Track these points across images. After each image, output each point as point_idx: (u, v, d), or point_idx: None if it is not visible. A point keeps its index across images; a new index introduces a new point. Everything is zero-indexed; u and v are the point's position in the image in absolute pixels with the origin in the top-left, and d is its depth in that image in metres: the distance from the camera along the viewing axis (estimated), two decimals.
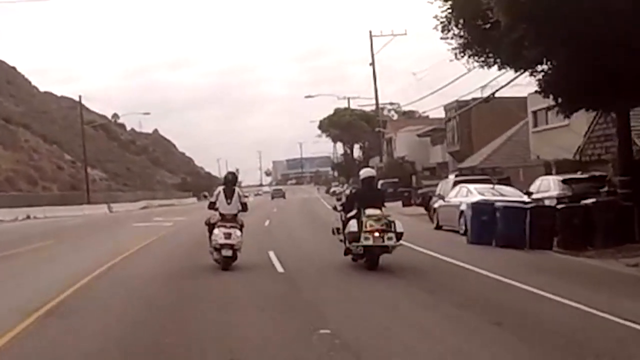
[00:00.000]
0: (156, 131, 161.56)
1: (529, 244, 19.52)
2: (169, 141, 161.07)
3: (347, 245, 15.20)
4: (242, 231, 15.46)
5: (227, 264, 15.04)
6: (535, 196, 24.81)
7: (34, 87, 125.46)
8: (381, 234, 14.39)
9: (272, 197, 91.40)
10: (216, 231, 15.14)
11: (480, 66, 18.67)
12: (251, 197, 68.06)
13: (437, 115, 74.44)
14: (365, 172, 16.08)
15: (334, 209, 17.00)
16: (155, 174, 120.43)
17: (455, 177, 33.98)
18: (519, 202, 22.08)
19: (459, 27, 18.53)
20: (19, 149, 78.77)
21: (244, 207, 15.71)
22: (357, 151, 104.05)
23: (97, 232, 31.33)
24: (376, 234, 14.38)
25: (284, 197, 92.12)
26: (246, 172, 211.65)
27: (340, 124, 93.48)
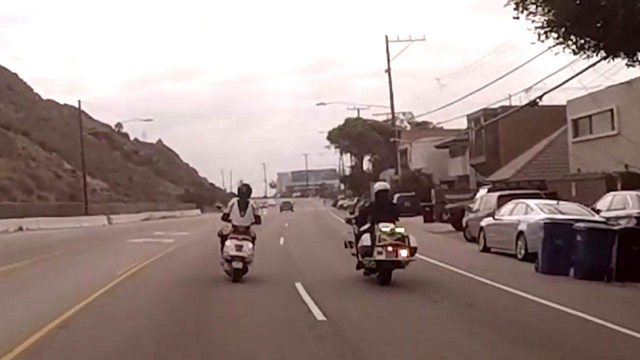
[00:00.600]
0: (160, 141, 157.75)
1: (616, 275, 15.44)
2: (172, 151, 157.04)
3: (360, 259, 15.07)
4: (254, 244, 15.28)
5: (237, 276, 14.92)
6: (605, 214, 20.61)
7: (36, 94, 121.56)
8: (394, 249, 14.16)
9: (281, 210, 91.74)
10: (228, 242, 15.06)
11: (574, 52, 14.27)
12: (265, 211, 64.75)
13: (452, 126, 70.82)
14: (379, 186, 16.01)
15: (347, 221, 16.96)
16: (158, 184, 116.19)
17: (497, 192, 29.71)
18: (601, 223, 17.88)
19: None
20: (16, 157, 74.70)
21: (257, 219, 15.61)
22: (366, 163, 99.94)
23: (84, 251, 26.62)
24: (389, 249, 14.13)
25: (292, 210, 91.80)
26: (250, 184, 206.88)
27: (350, 135, 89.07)
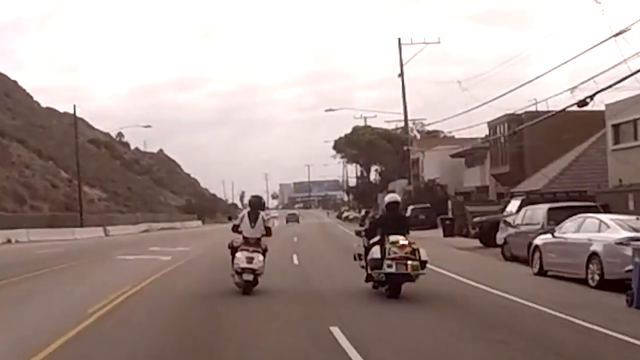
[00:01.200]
0: (161, 151, 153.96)
1: None
2: (174, 161, 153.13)
3: (369, 271, 14.81)
4: (265, 256, 15.21)
5: (247, 288, 14.81)
6: None
7: (35, 102, 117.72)
8: (405, 262, 14.00)
9: (287, 221, 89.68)
10: (238, 254, 14.94)
11: None
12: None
13: (463, 135, 67.02)
14: (390, 198, 15.64)
15: (357, 234, 16.62)
16: (158, 194, 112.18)
17: (541, 204, 25.79)
18: None
19: None
20: (10, 165, 70.79)
21: (267, 231, 15.45)
22: (372, 174, 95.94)
23: (60, 272, 21.86)
24: (399, 262, 13.97)
25: (298, 222, 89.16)
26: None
27: (359, 143, 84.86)
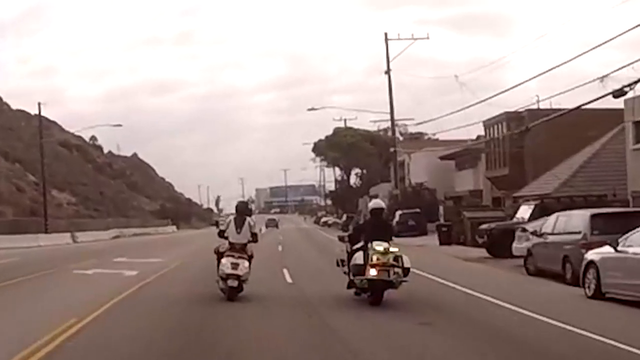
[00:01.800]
0: (135, 155, 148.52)
1: None
2: (148, 165, 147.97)
3: (351, 277, 14.37)
4: (250, 262, 14.88)
5: (232, 294, 14.44)
6: None
7: (5, 103, 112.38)
8: (387, 269, 13.61)
9: (267, 227, 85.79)
10: (224, 260, 14.55)
11: None
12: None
13: (446, 137, 63.69)
14: (374, 203, 15.23)
15: (340, 239, 15.92)
16: (131, 199, 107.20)
17: (580, 210, 21.88)
18: None
19: None
20: None
21: (254, 237, 15.13)
22: (353, 177, 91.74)
23: (3, 292, 17.56)
24: (382, 268, 13.56)
25: (277, 227, 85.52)
26: (228, 200, 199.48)
27: (340, 146, 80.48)
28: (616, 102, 31.26)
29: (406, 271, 13.91)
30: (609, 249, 15.02)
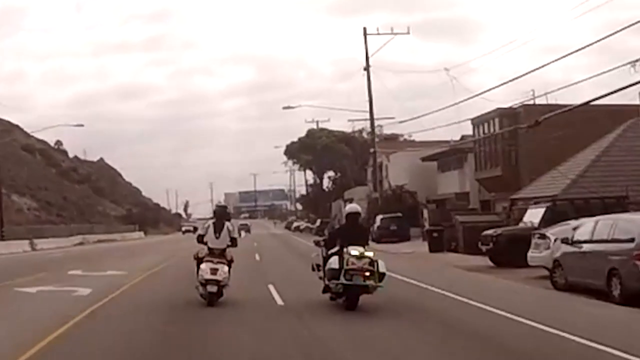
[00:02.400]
0: (102, 159, 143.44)
1: None
2: (114, 170, 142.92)
3: (327, 282, 14.13)
4: (230, 267, 14.50)
5: (212, 300, 14.11)
6: None
7: None
8: (363, 273, 13.41)
9: (239, 232, 79.12)
10: (203, 266, 14.22)
11: None
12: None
13: (421, 138, 60.75)
14: (350, 208, 14.99)
15: (316, 244, 15.51)
16: (96, 204, 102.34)
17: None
18: None
19: None
20: None
21: (233, 242, 14.77)
22: (326, 181, 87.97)
23: None
24: (357, 273, 13.38)
25: (250, 232, 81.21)
26: (197, 205, 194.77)
27: (313, 148, 76.44)
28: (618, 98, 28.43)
29: (381, 276, 13.68)
30: None
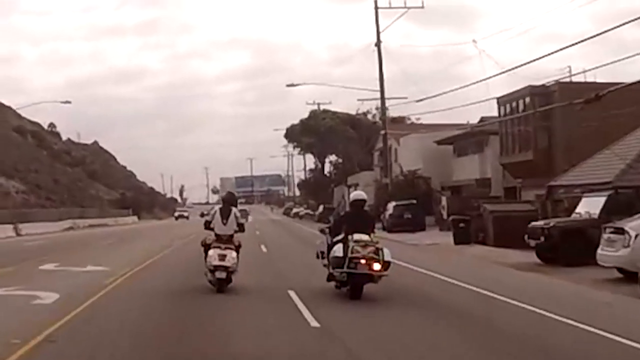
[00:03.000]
0: (96, 142, 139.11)
1: None
2: (109, 153, 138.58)
3: (331, 270, 13.63)
4: (238, 252, 14.17)
5: (221, 286, 13.79)
6: None
7: None
8: (367, 262, 12.90)
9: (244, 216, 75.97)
10: (211, 252, 13.97)
11: None
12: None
13: (432, 120, 56.91)
14: (355, 195, 14.38)
15: (321, 231, 14.96)
16: (89, 187, 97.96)
17: None
18: None
19: None
20: None
21: (240, 227, 14.55)
22: (328, 166, 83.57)
23: None
24: (362, 261, 12.88)
25: (248, 219, 74.33)
26: (192, 189, 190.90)
27: (316, 130, 71.80)
28: None
29: (386, 265, 13.18)
30: None
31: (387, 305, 13.02)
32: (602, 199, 21.27)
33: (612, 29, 22.34)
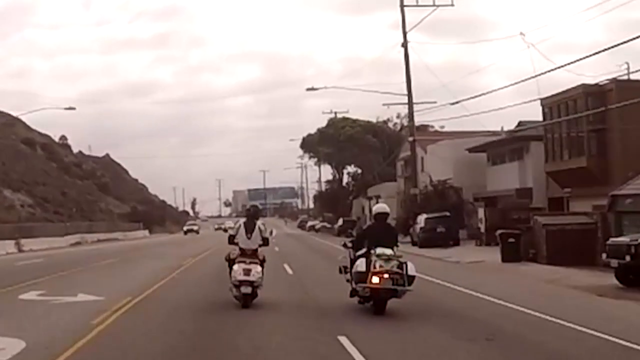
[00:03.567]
0: (107, 155, 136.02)
1: None
2: (120, 166, 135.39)
3: (354, 285, 13.16)
4: (263, 267, 13.92)
5: (247, 301, 13.57)
6: None
7: None
8: (391, 277, 12.43)
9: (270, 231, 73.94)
10: (235, 267, 13.72)
11: None
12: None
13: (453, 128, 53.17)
14: (378, 208, 14.06)
15: (344, 245, 14.41)
16: (99, 201, 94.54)
17: None
18: None
19: None
20: None
21: (265, 242, 14.24)
22: (345, 177, 79.60)
23: None
24: (385, 276, 12.40)
25: (273, 234, 70.64)
26: (204, 202, 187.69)
27: (334, 140, 67.65)
28: None
29: (410, 279, 12.66)
30: None
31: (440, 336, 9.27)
32: None
33: None
